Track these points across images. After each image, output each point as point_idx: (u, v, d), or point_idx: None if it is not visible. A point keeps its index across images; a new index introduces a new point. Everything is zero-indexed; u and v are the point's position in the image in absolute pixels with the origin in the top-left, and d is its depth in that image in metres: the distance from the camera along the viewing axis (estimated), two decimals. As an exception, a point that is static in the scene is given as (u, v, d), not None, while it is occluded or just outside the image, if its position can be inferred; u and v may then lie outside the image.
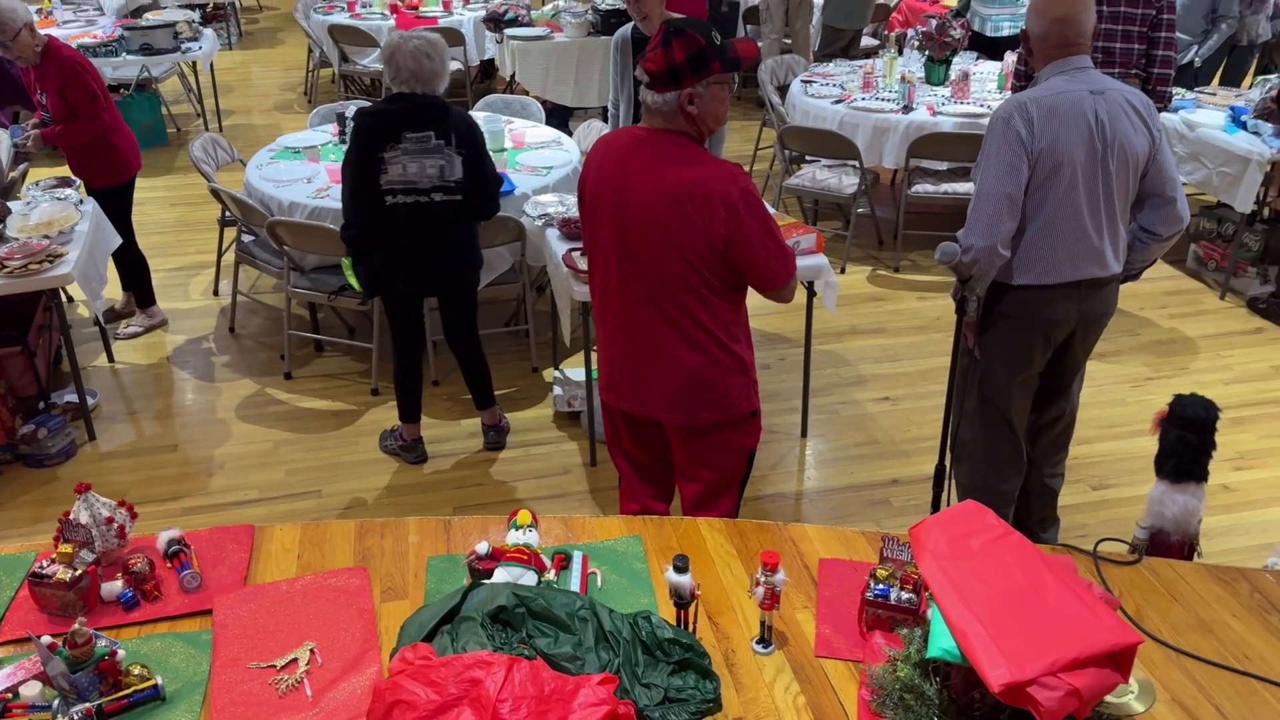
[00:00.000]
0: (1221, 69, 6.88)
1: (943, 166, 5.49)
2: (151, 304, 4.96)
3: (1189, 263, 5.48)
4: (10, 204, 4.14)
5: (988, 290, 2.79)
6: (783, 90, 6.38)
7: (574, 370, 4.45)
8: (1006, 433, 3.00)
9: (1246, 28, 6.66)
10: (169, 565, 2.07)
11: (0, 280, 3.66)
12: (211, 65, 7.64)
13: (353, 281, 4.32)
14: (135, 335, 4.87)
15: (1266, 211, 5.07)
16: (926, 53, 5.90)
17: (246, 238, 4.84)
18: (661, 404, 2.52)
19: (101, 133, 4.44)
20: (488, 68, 8.86)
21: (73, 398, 4.16)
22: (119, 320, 4.97)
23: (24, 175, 5.10)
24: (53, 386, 4.33)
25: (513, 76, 7.52)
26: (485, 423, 4.11)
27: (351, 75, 8.39)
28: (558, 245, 3.96)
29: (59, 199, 4.18)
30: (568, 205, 4.25)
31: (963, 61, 6.01)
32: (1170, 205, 2.78)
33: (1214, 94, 5.52)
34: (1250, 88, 5.48)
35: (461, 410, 4.33)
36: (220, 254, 5.28)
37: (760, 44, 8.27)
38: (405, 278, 3.63)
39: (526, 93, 7.21)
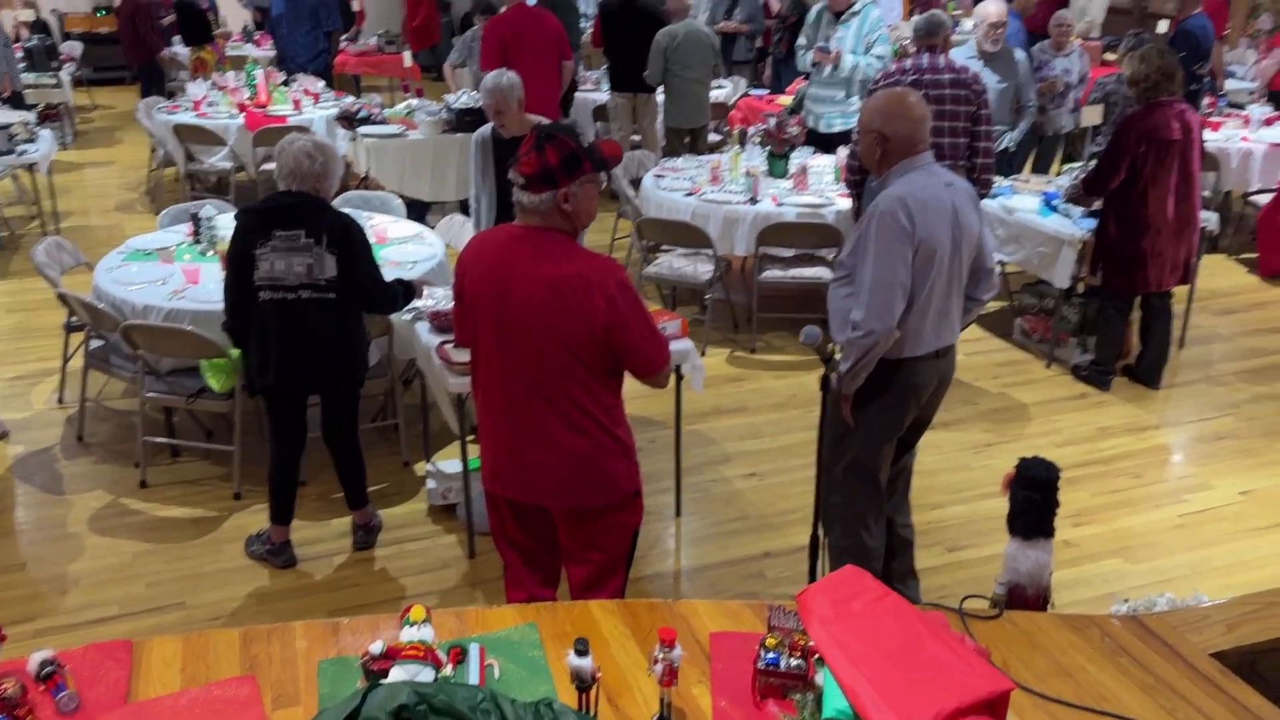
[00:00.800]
0: (1032, 158, 7.56)
1: (789, 253, 5.80)
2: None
3: (1015, 335, 5.94)
4: None
5: None
6: (635, 183, 6.63)
7: (446, 463, 4.44)
8: (874, 492, 3.24)
9: (1050, 121, 7.37)
10: (42, 688, 1.97)
11: None
12: (49, 167, 7.37)
13: (212, 383, 4.24)
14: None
15: (1080, 286, 5.56)
16: (767, 148, 6.27)
17: (95, 343, 4.66)
18: (549, 490, 2.59)
19: None
20: (340, 164, 8.86)
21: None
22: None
23: None
24: (-122, 509, 4.04)
25: (368, 173, 7.55)
26: (356, 522, 4.05)
27: (197, 174, 8.23)
28: (429, 338, 3.99)
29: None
30: (436, 299, 4.29)
31: (800, 156, 6.41)
32: (991, 275, 3.22)
33: (1027, 181, 6.07)
34: (1059, 175, 6.04)
35: (331, 510, 4.24)
36: (65, 360, 5.04)
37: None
38: (274, 373, 3.62)
39: (383, 188, 7.25)
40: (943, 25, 5.15)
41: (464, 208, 8.10)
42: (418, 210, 7.64)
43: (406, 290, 3.87)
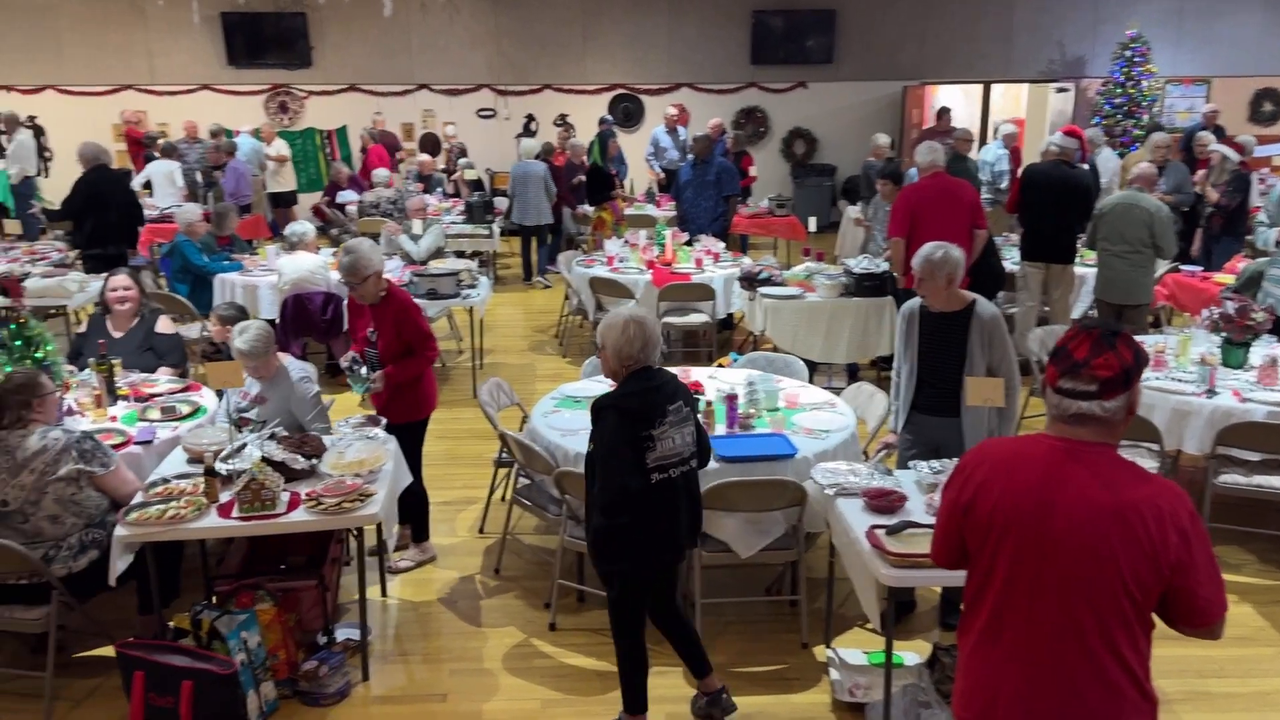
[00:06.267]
0: None
1: (1255, 457, 5.01)
2: (425, 539, 5.04)
3: None
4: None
5: None
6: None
7: (849, 652, 4.12)
8: None
9: None
10: None
11: (314, 516, 3.78)
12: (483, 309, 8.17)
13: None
14: (408, 569, 4.93)
15: None
16: (1223, 335, 5.55)
17: (523, 481, 4.90)
18: (1064, 748, 2.19)
19: (424, 370, 4.73)
20: (727, 319, 9.09)
21: (351, 633, 4.17)
22: (393, 553, 5.05)
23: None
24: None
25: (763, 332, 7.64)
26: (702, 690, 3.82)
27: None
28: (857, 519, 3.76)
29: (369, 438, 4.36)
30: (860, 475, 4.07)
31: (1261, 344, 5.62)
32: None
33: None
34: None
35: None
36: (491, 492, 5.36)
37: (1016, 310, 8.13)
38: (672, 551, 3.60)
39: (775, 348, 7.29)
40: None
41: (850, 371, 7.97)
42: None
43: None
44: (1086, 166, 8.15)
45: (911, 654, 4.12)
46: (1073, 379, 2.16)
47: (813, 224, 9.34)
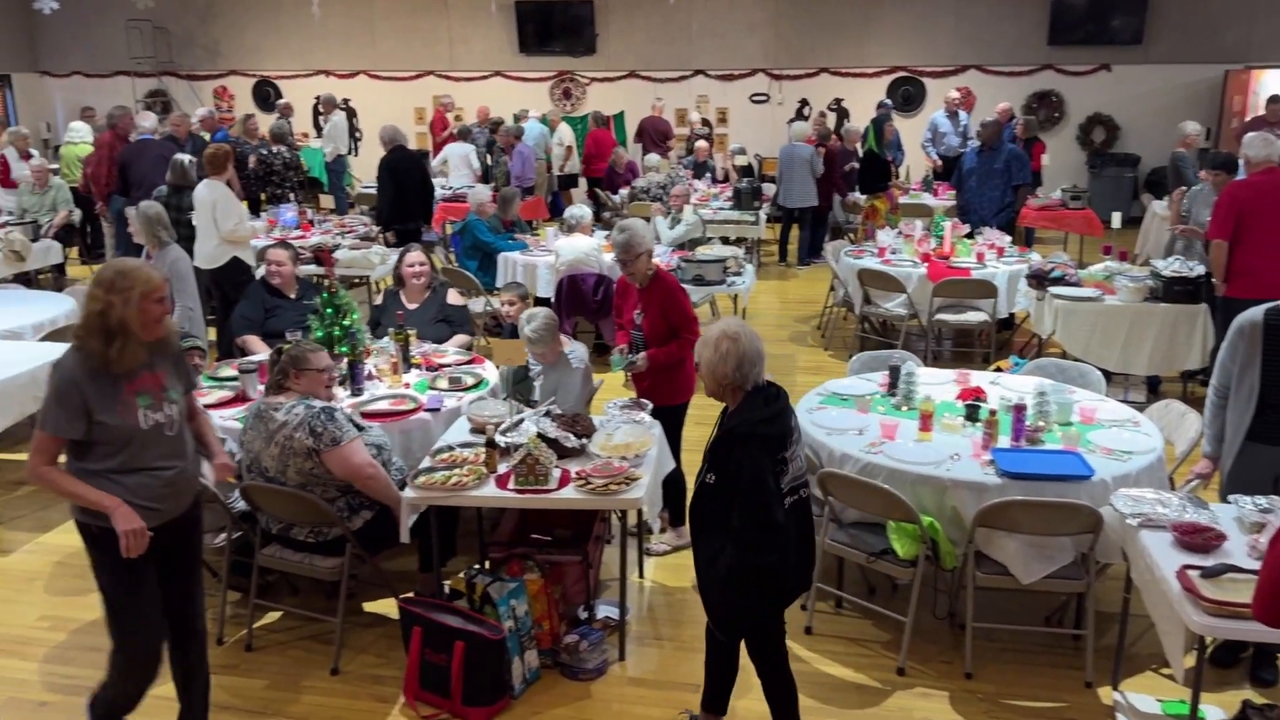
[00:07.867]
0: None
1: None
2: (682, 524, 5.03)
3: None
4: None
5: None
6: None
7: (1139, 697, 3.74)
8: None
9: None
10: None
11: (582, 495, 3.85)
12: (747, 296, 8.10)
13: (896, 546, 4.05)
14: (664, 553, 4.96)
15: None
16: None
17: (784, 477, 4.78)
18: None
19: (687, 353, 4.72)
20: (1007, 319, 8.52)
21: (610, 612, 4.22)
22: (650, 536, 5.09)
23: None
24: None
25: (1051, 335, 7.08)
26: None
27: (868, 316, 8.45)
28: (1164, 555, 3.36)
29: (636, 421, 4.40)
30: (1170, 506, 3.64)
31: None
32: None
33: None
34: None
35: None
36: (749, 486, 5.28)
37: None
38: (804, 582, 3.41)
39: (1063, 353, 6.74)
40: None
41: (1150, 385, 7.24)
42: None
43: None
44: None
45: (1214, 708, 3.67)
46: None
47: (1116, 219, 8.49)
